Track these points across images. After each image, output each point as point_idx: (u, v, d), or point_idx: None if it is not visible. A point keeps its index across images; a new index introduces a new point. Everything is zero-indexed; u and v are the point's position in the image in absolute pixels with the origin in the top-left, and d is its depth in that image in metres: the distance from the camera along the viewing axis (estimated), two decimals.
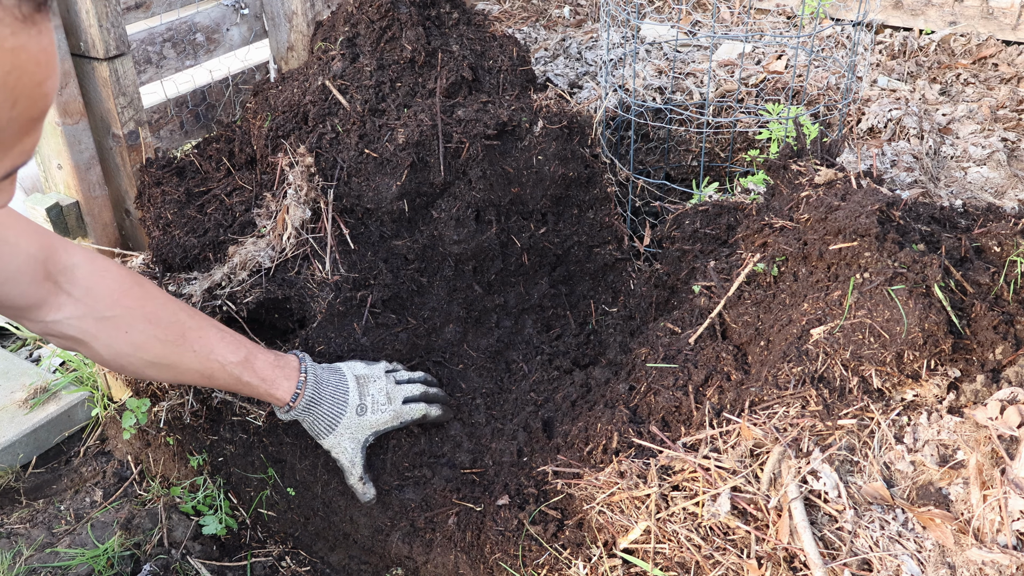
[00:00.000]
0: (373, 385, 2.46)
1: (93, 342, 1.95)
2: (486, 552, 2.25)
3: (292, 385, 2.29)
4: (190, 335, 2.09)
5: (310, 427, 2.37)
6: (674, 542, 1.98)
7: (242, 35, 3.00)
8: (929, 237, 2.32)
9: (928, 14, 4.67)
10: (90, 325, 1.93)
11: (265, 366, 2.25)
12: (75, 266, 1.90)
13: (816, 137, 2.71)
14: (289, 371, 2.31)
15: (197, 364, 2.10)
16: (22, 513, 2.50)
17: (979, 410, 2.01)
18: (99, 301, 1.93)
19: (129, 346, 1.99)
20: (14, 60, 0.86)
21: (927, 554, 1.83)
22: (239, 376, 2.18)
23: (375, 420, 2.43)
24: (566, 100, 3.18)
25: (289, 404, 2.29)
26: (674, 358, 2.39)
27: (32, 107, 0.92)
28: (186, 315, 2.12)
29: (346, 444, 2.40)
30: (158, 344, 2.03)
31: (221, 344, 2.16)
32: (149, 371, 2.08)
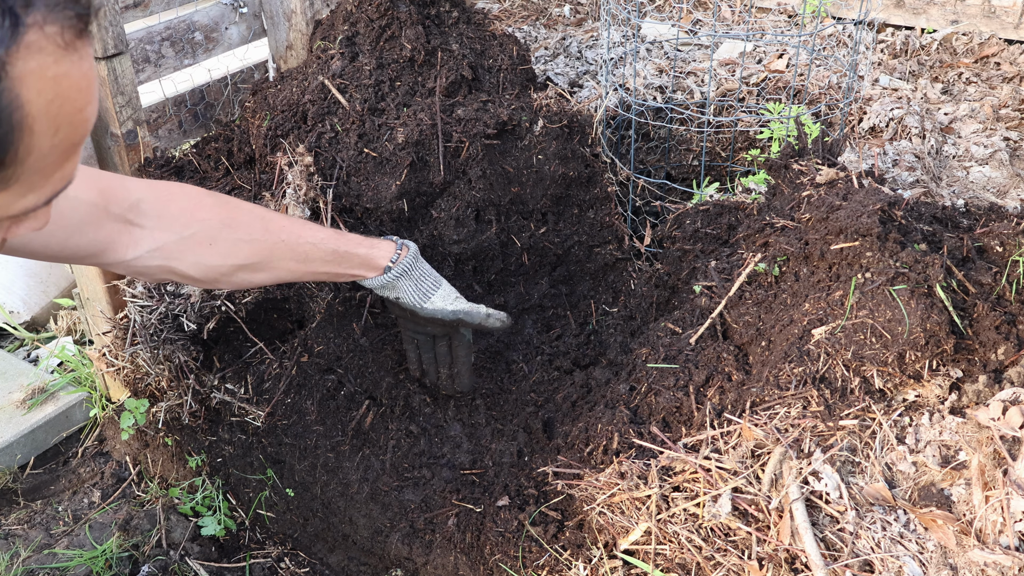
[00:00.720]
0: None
1: (180, 265, 1.91)
2: (486, 553, 2.25)
3: (391, 245, 2.29)
4: (273, 226, 2.06)
5: (416, 284, 2.34)
6: (675, 543, 1.97)
7: (241, 34, 2.99)
8: (931, 237, 2.31)
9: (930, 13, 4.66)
10: (172, 249, 1.88)
11: (357, 236, 2.25)
12: (140, 200, 1.85)
13: (817, 136, 2.71)
14: (381, 239, 2.32)
15: (289, 251, 2.07)
16: (20, 514, 2.50)
17: (981, 411, 2.01)
18: (174, 223, 1.89)
19: (217, 256, 1.95)
20: (56, 88, 0.87)
21: (929, 555, 1.83)
22: (335, 248, 2.15)
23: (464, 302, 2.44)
24: (566, 99, 3.17)
25: (398, 252, 2.28)
26: (675, 358, 2.39)
27: (73, 133, 0.92)
28: (262, 211, 2.10)
29: (455, 295, 2.40)
30: (245, 245, 2.00)
31: (306, 227, 2.13)
32: (243, 275, 2.03)
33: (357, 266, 2.24)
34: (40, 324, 3.40)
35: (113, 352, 2.48)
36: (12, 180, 0.90)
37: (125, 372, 2.46)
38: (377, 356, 2.66)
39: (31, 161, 0.89)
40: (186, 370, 2.46)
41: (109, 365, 2.50)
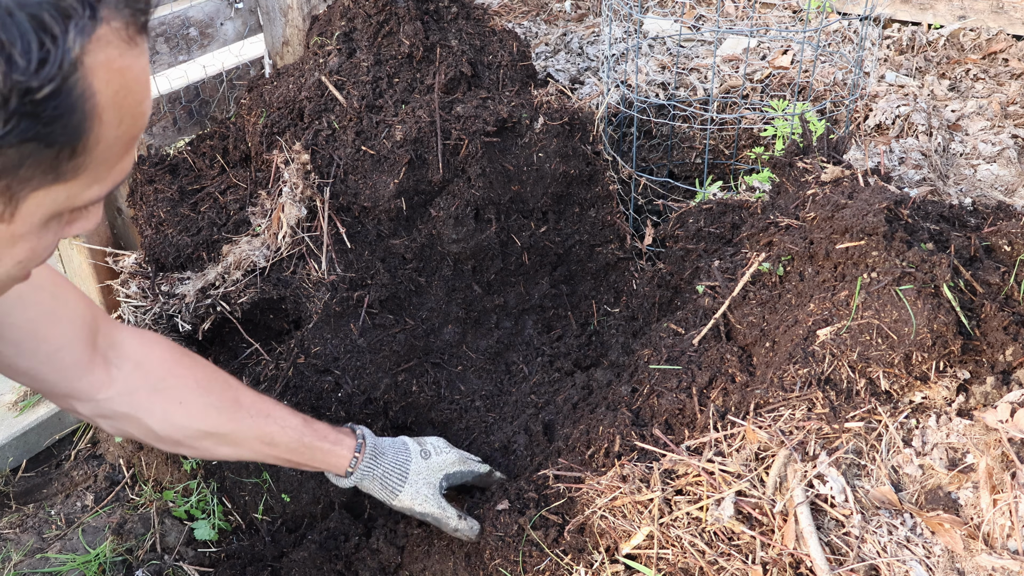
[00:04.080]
0: (429, 438, 2.39)
1: (147, 417, 1.87)
2: (485, 558, 2.23)
3: (353, 441, 2.21)
4: (244, 400, 2.02)
5: (381, 483, 2.24)
6: (677, 548, 1.96)
7: (236, 30, 2.96)
8: (938, 236, 2.30)
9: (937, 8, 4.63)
10: (143, 398, 1.86)
11: (323, 427, 2.17)
12: (122, 340, 1.84)
13: (822, 134, 2.70)
14: (345, 431, 2.23)
15: (256, 429, 2.02)
16: (12, 518, 2.48)
17: (989, 413, 2.01)
18: (151, 373, 1.87)
19: (185, 417, 1.91)
20: (122, 80, 0.93)
21: (936, 560, 1.83)
22: (300, 437, 2.09)
23: (442, 461, 2.33)
24: (567, 96, 3.15)
25: (355, 456, 2.19)
26: (677, 359, 2.38)
27: (134, 126, 0.98)
28: (236, 382, 2.07)
29: (425, 491, 2.27)
30: (214, 412, 1.96)
31: (277, 408, 2.09)
32: (206, 443, 1.98)
33: (320, 461, 2.17)
34: None
35: None
36: (81, 169, 0.95)
37: None
38: (375, 357, 2.64)
39: (99, 151, 0.94)
40: None
41: None
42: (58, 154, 0.91)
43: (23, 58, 0.83)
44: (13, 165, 0.89)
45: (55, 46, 0.85)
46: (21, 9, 0.83)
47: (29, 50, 0.83)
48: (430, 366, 2.78)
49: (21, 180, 0.92)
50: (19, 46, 0.83)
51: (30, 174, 0.92)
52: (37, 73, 0.84)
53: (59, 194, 0.97)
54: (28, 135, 0.87)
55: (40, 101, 0.85)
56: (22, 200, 0.95)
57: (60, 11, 0.85)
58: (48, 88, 0.85)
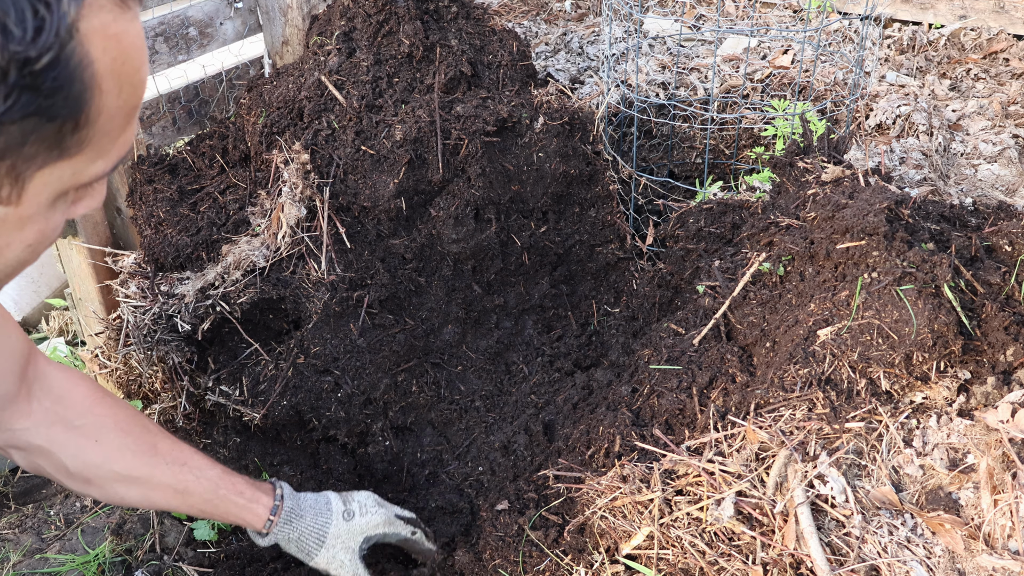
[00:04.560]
0: (358, 494, 2.31)
1: (60, 452, 1.81)
2: (485, 558, 2.22)
3: (270, 500, 2.13)
4: (162, 446, 1.97)
5: (297, 544, 2.17)
6: (678, 548, 1.95)
7: (236, 29, 2.96)
8: (939, 236, 2.29)
9: (938, 8, 4.62)
10: (59, 433, 1.81)
11: (240, 482, 2.10)
12: (48, 374, 1.81)
13: (823, 134, 2.70)
14: (265, 489, 2.16)
15: (170, 477, 1.96)
16: (11, 518, 2.47)
17: (990, 413, 2.01)
18: (70, 409, 1.83)
19: (99, 456, 1.86)
20: (118, 46, 0.90)
21: (936, 560, 1.83)
22: (215, 489, 2.03)
23: (365, 523, 2.24)
24: (567, 96, 3.14)
25: (271, 519, 2.11)
26: (678, 360, 2.38)
27: (133, 94, 0.95)
28: (156, 428, 2.02)
29: (341, 556, 2.19)
30: (129, 454, 1.90)
31: (194, 457, 2.02)
32: (118, 487, 1.93)
33: (234, 517, 2.10)
34: (32, 325, 3.38)
35: (106, 353, 2.46)
36: (85, 143, 0.92)
37: (118, 373, 2.45)
38: (375, 357, 2.64)
39: (101, 122, 0.92)
40: (180, 371, 2.43)
41: (102, 366, 2.48)
42: (61, 128, 0.89)
43: (18, 27, 0.80)
44: (16, 143, 0.87)
45: (49, 12, 0.82)
46: None
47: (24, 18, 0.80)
48: (430, 366, 2.78)
49: (25, 158, 0.89)
50: (13, 15, 0.80)
51: (34, 151, 0.89)
52: (34, 42, 0.81)
53: (64, 171, 0.94)
54: (29, 109, 0.84)
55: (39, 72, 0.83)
56: (28, 180, 0.92)
57: None
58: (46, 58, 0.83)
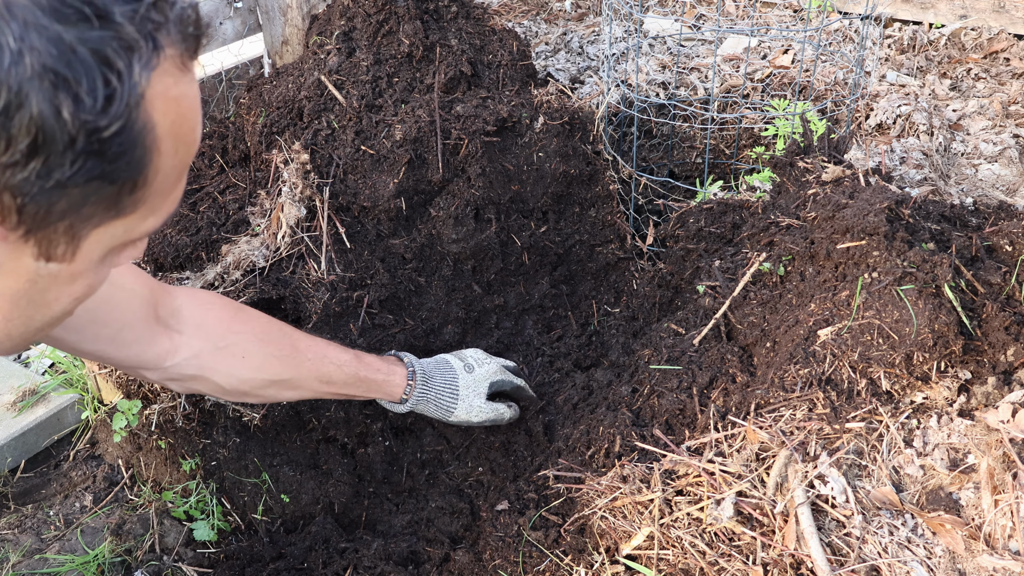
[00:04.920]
0: (467, 351, 2.57)
1: (214, 375, 1.96)
2: (485, 558, 2.22)
3: (403, 370, 2.37)
4: (301, 345, 2.13)
5: (435, 404, 2.42)
6: (678, 548, 1.95)
7: (235, 29, 2.96)
8: (939, 236, 2.29)
9: (938, 7, 4.62)
10: (208, 359, 1.94)
11: (375, 360, 2.32)
12: (181, 306, 1.91)
13: (823, 133, 2.69)
14: (393, 361, 2.39)
15: (315, 371, 2.14)
16: (10, 519, 2.47)
17: (990, 413, 2.00)
18: (211, 333, 1.95)
19: (249, 370, 2.01)
20: (177, 108, 0.91)
21: (937, 560, 1.82)
22: (356, 372, 2.23)
23: (486, 372, 2.50)
24: (567, 96, 3.14)
25: (409, 384, 2.36)
26: (678, 360, 2.38)
27: (188, 153, 0.97)
28: (290, 329, 2.17)
29: (477, 403, 2.47)
30: (276, 361, 2.06)
31: (331, 347, 2.21)
32: (270, 391, 2.11)
33: (375, 392, 2.33)
34: None
35: None
36: (140, 202, 0.92)
37: (118, 373, 2.44)
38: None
39: (158, 182, 0.92)
40: None
41: (101, 366, 2.47)
42: (120, 190, 0.89)
43: (89, 97, 0.81)
44: (77, 204, 0.87)
45: (121, 82, 0.83)
46: (84, 44, 0.80)
47: (95, 88, 0.81)
48: None
49: (84, 218, 0.90)
50: (85, 84, 0.80)
51: (92, 212, 0.90)
52: (104, 112, 0.82)
53: (118, 229, 0.95)
54: (94, 174, 0.85)
55: (107, 140, 0.83)
56: (83, 239, 0.93)
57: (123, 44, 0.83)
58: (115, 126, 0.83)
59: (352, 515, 2.60)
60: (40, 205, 0.85)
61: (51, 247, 0.91)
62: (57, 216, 0.87)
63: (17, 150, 0.80)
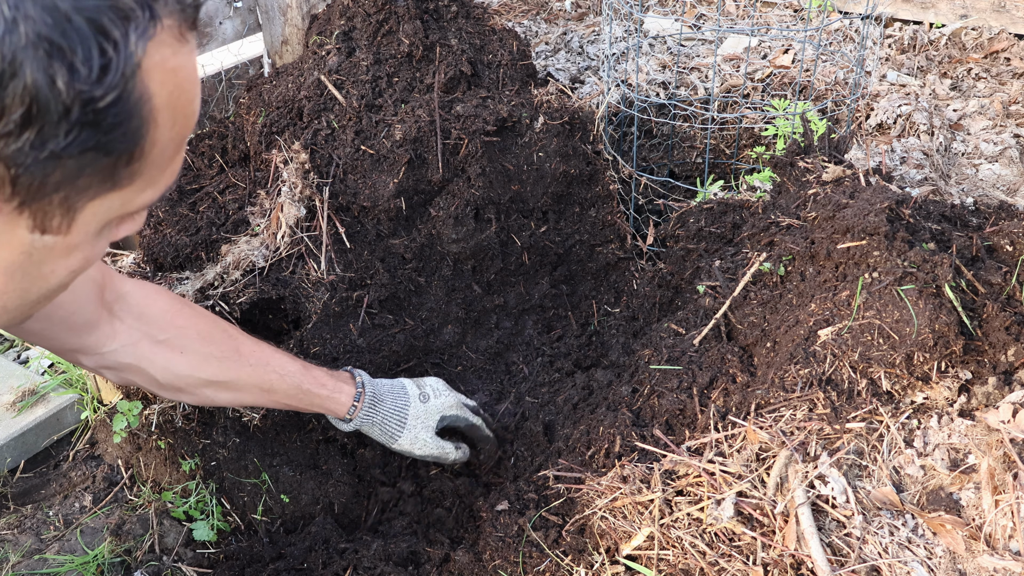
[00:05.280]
0: (428, 379, 2.49)
1: (150, 367, 1.94)
2: (485, 559, 2.21)
3: (352, 389, 2.29)
4: (244, 349, 2.09)
5: (380, 428, 2.35)
6: (678, 548, 1.95)
7: (235, 29, 2.96)
8: (940, 236, 2.29)
9: (939, 7, 4.61)
10: (146, 349, 1.92)
11: (321, 374, 2.25)
12: (127, 293, 1.90)
13: (824, 133, 2.69)
14: (344, 378, 2.31)
15: (255, 377, 2.09)
16: (10, 519, 2.46)
17: (991, 413, 2.00)
18: (152, 324, 1.93)
19: (187, 366, 1.98)
20: (175, 79, 0.90)
21: (938, 561, 1.82)
22: (299, 384, 2.17)
23: (440, 404, 2.42)
24: (567, 95, 3.14)
25: (354, 404, 2.28)
26: (678, 360, 2.37)
27: (186, 125, 0.96)
28: (236, 331, 2.14)
29: (423, 436, 2.39)
30: (214, 361, 2.03)
31: (276, 356, 2.15)
32: (207, 391, 2.07)
33: (318, 407, 2.26)
34: None
35: None
36: (137, 174, 0.93)
37: None
38: (374, 357, 2.63)
39: (154, 154, 0.92)
40: None
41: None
42: (116, 162, 0.89)
43: (84, 66, 0.80)
44: (72, 176, 0.87)
45: (116, 52, 0.82)
46: (79, 13, 0.80)
47: (91, 57, 0.81)
48: (430, 366, 2.77)
49: (79, 190, 0.90)
50: (80, 53, 0.80)
51: (87, 183, 0.89)
52: (99, 82, 0.82)
53: (114, 201, 0.95)
54: (88, 145, 0.85)
55: (101, 110, 0.83)
56: (79, 211, 0.93)
57: (119, 13, 0.82)
58: (110, 96, 0.83)
59: (352, 515, 2.59)
60: (34, 176, 0.85)
61: (46, 219, 0.91)
62: (52, 188, 0.87)
63: (11, 120, 0.79)
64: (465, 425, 2.48)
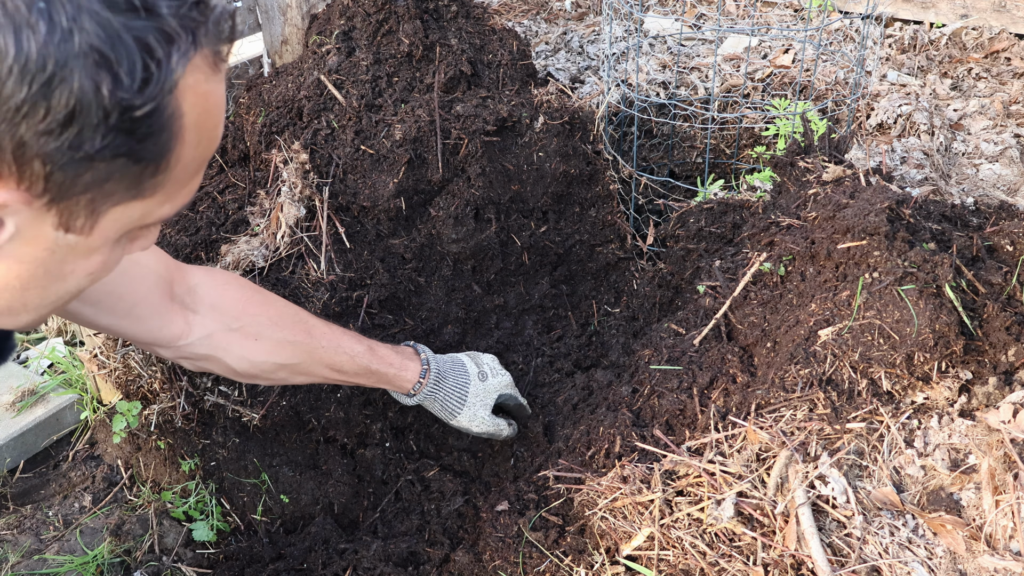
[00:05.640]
0: (485, 356, 2.56)
1: (226, 356, 2.00)
2: (485, 559, 2.21)
3: (417, 366, 2.37)
4: (315, 332, 2.15)
5: (442, 404, 2.42)
6: (678, 549, 1.95)
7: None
8: (940, 236, 2.28)
9: (939, 7, 4.61)
10: (221, 339, 1.98)
11: (388, 353, 2.32)
12: (197, 285, 1.95)
13: (824, 133, 2.69)
14: (409, 354, 2.39)
15: (327, 358, 2.16)
16: (9, 519, 2.46)
17: (991, 413, 2.00)
18: (226, 314, 1.99)
19: (261, 352, 2.04)
20: (205, 104, 0.99)
21: (938, 561, 1.82)
22: (367, 364, 2.24)
23: (497, 383, 2.49)
24: (567, 95, 3.13)
25: (420, 381, 2.35)
26: (678, 360, 2.37)
27: (208, 148, 1.05)
28: (306, 314, 2.19)
29: (481, 413, 2.45)
30: (288, 345, 2.09)
31: (345, 336, 2.22)
32: (280, 374, 2.13)
33: (385, 383, 2.34)
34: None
35: (105, 353, 2.44)
36: (159, 187, 1.00)
37: (117, 374, 2.43)
38: None
39: (178, 169, 1.00)
40: (179, 372, 2.42)
41: (100, 366, 2.46)
42: (142, 171, 0.97)
43: (128, 77, 0.88)
44: (101, 179, 0.94)
45: (159, 69, 0.90)
46: (128, 31, 0.88)
47: (135, 70, 0.89)
48: None
49: (105, 194, 0.97)
50: (125, 65, 0.88)
51: (113, 188, 0.96)
52: (140, 92, 0.90)
53: (136, 210, 1.02)
54: (121, 151, 0.92)
55: (138, 119, 0.91)
56: (102, 215, 0.99)
57: (165, 36, 0.91)
58: (148, 107, 0.91)
59: (351, 515, 2.59)
60: (67, 175, 0.91)
61: (71, 218, 0.98)
62: (81, 188, 0.94)
63: (54, 119, 0.87)
64: (515, 405, 2.56)
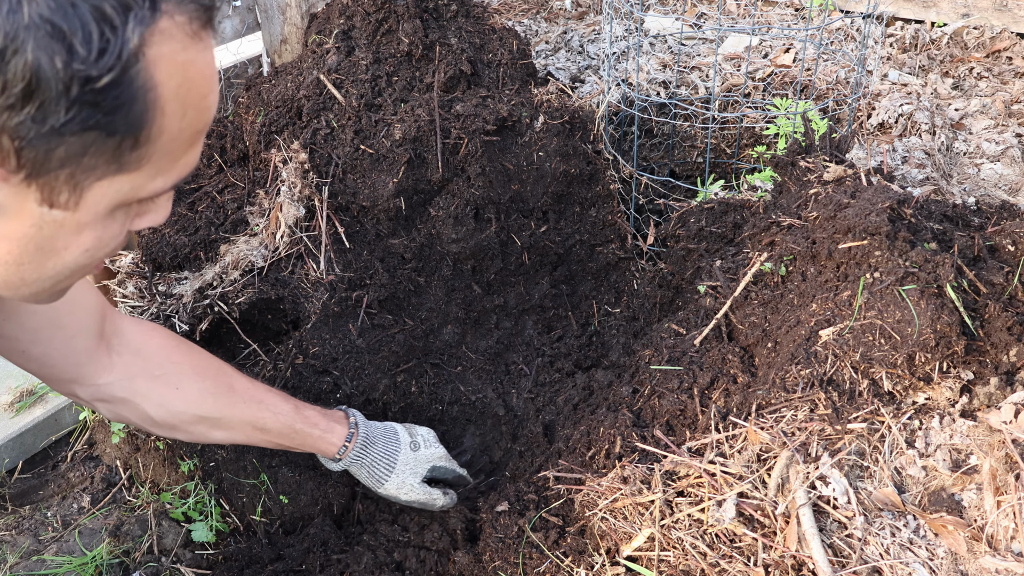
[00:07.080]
0: (420, 428, 2.46)
1: (144, 402, 1.95)
2: (485, 560, 2.21)
3: (344, 429, 2.28)
4: (238, 386, 2.10)
5: (368, 471, 2.33)
6: (679, 550, 1.94)
7: (234, 28, 2.95)
8: (941, 236, 2.28)
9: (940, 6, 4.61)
10: (141, 384, 1.94)
11: (314, 414, 2.25)
12: (123, 328, 1.93)
13: (825, 133, 2.68)
14: (338, 417, 2.31)
15: (248, 415, 2.10)
16: (8, 520, 2.46)
17: (993, 414, 1.99)
18: (149, 360, 1.95)
19: (181, 402, 1.99)
20: (184, 73, 0.97)
21: (939, 562, 1.82)
22: (292, 424, 2.16)
23: (430, 454, 2.41)
24: (568, 95, 3.13)
25: (345, 445, 2.26)
26: (679, 360, 2.37)
27: (198, 119, 1.03)
28: (231, 368, 2.14)
29: (411, 481, 2.36)
30: (209, 397, 2.04)
31: (269, 394, 2.16)
32: (200, 427, 2.06)
33: (310, 447, 2.26)
34: None
35: None
36: (144, 160, 0.99)
37: None
38: (374, 358, 2.62)
39: (162, 142, 0.99)
40: None
41: None
42: (120, 144, 0.95)
43: (83, 47, 0.87)
44: (76, 153, 0.93)
45: (115, 36, 0.89)
46: (84, 1, 0.87)
47: (89, 39, 0.87)
48: (429, 367, 2.76)
49: (85, 169, 0.96)
50: (80, 35, 0.87)
51: (93, 163, 0.96)
52: (96, 62, 0.88)
53: (123, 184, 1.01)
54: (89, 123, 0.91)
55: (100, 90, 0.89)
56: (86, 189, 0.99)
57: (120, 3, 0.89)
58: (107, 77, 0.89)
59: (351, 516, 2.59)
60: (38, 150, 0.91)
61: (53, 194, 0.97)
62: (57, 163, 0.94)
63: (12, 93, 0.86)
64: (453, 476, 2.49)
